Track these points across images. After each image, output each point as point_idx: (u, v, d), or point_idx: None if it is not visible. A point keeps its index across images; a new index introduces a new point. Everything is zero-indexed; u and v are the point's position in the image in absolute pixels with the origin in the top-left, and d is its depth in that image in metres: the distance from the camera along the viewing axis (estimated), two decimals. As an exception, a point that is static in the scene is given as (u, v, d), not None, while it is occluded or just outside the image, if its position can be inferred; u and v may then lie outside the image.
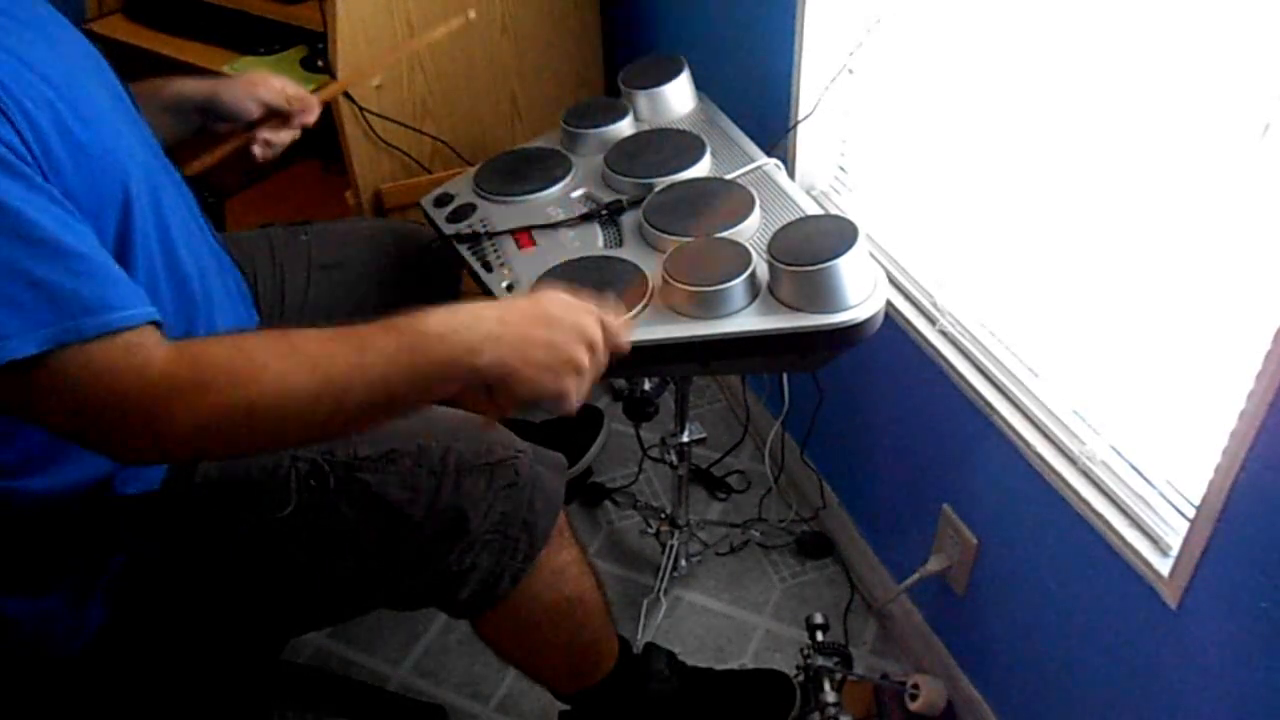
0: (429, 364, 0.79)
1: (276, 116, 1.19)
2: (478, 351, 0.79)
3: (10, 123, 0.74)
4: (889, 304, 1.12)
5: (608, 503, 1.81)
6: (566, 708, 1.32)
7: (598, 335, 0.85)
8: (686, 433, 1.48)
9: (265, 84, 1.18)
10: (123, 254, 0.87)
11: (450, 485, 1.02)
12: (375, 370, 0.77)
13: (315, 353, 0.77)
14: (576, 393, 0.83)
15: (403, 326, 0.79)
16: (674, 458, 1.52)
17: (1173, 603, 0.96)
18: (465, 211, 1.30)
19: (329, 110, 1.50)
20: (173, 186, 1.00)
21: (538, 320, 0.83)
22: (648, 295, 1.09)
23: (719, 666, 1.46)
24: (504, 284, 1.16)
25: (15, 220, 0.71)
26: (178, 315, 0.95)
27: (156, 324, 0.77)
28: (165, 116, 1.14)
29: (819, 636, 1.38)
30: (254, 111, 1.18)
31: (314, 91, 1.23)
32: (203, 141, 1.19)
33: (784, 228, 1.10)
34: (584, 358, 0.83)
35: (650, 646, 1.37)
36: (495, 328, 0.81)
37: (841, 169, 1.47)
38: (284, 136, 1.20)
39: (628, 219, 1.23)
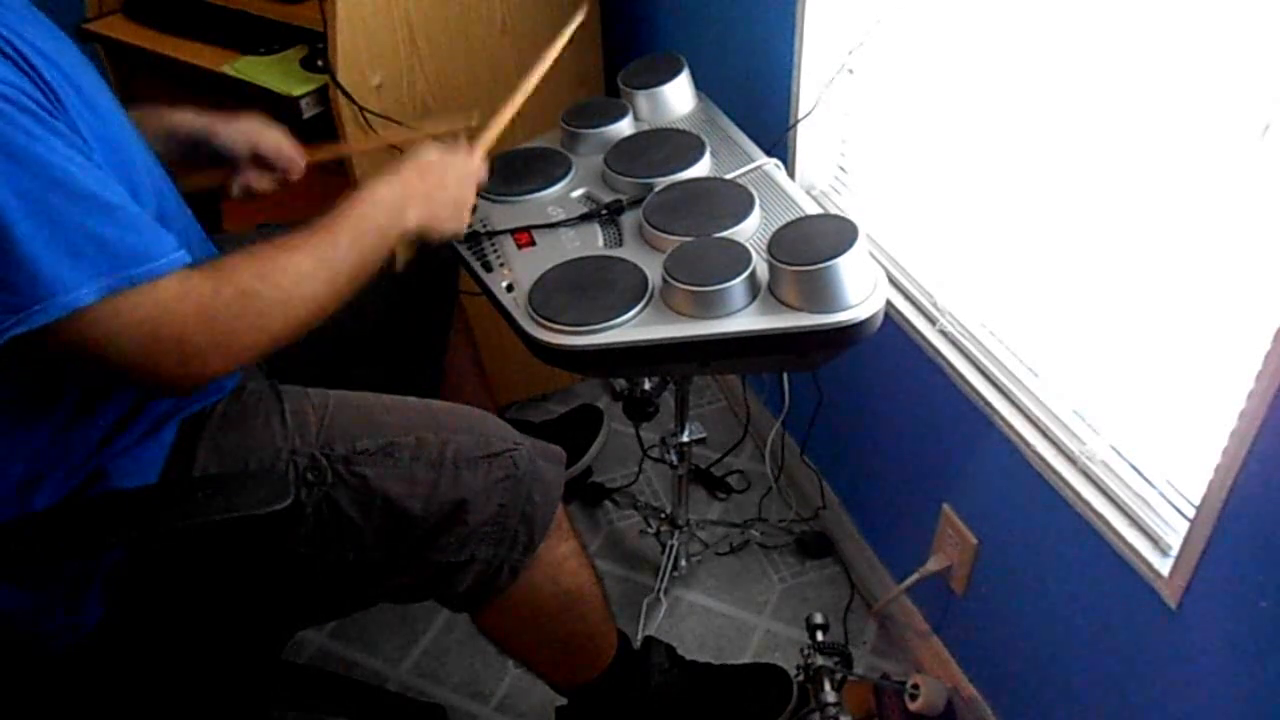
0: (377, 232, 1.00)
1: (263, 165, 1.20)
2: (405, 214, 1.03)
3: (35, 83, 0.79)
4: (889, 304, 1.12)
5: (608, 503, 1.81)
6: (564, 702, 1.32)
7: (481, 172, 1.15)
8: (686, 433, 1.48)
9: (264, 135, 1.19)
10: None
11: (449, 478, 1.02)
12: (354, 247, 0.97)
13: (315, 251, 0.94)
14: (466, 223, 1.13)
15: (356, 210, 0.99)
16: (674, 458, 1.52)
17: (1173, 603, 0.96)
18: (465, 211, 1.30)
19: (329, 109, 1.50)
20: (167, 186, 1.01)
21: (441, 179, 1.08)
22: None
23: (719, 666, 1.45)
24: (504, 284, 1.16)
25: (62, 176, 0.77)
26: None
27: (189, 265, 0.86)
28: (155, 142, 1.14)
29: (819, 636, 1.38)
30: (245, 156, 1.19)
31: (311, 146, 1.24)
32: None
33: (784, 227, 1.10)
34: (473, 196, 1.13)
35: (650, 640, 1.37)
36: (413, 192, 1.05)
37: (841, 169, 1.47)
38: (265, 184, 1.22)
39: (628, 219, 1.23)
